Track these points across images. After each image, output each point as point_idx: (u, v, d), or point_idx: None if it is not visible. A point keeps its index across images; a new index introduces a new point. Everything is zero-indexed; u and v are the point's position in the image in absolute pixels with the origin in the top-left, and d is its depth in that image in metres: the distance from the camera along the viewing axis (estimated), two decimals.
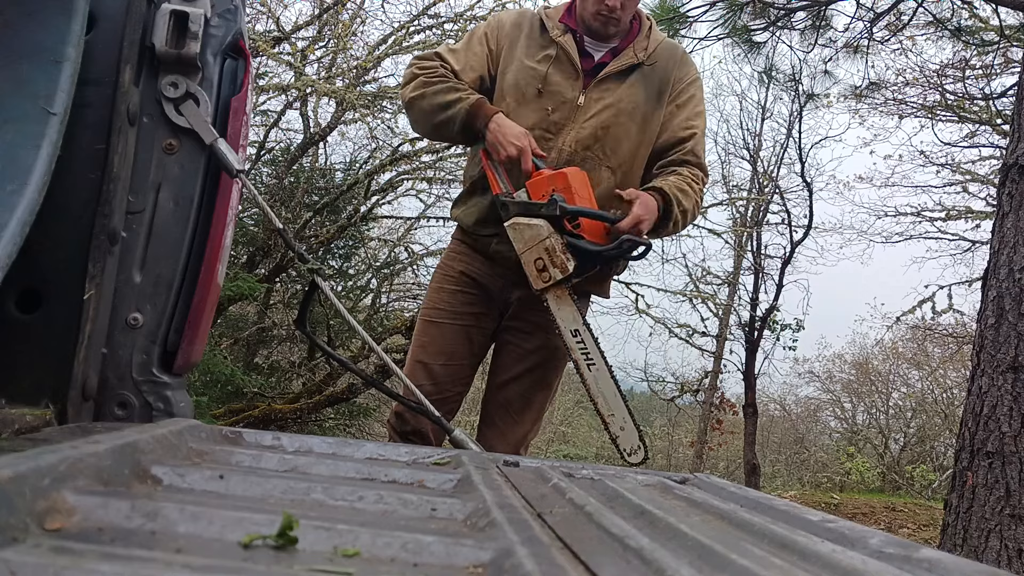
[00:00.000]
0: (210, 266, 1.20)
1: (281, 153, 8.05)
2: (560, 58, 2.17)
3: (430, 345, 2.26)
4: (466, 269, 2.26)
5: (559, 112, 2.16)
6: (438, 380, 2.22)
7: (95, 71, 1.07)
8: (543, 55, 2.19)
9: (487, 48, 2.23)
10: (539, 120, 2.16)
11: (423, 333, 2.30)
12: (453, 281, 2.28)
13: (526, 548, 0.59)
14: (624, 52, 2.21)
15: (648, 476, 1.16)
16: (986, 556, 2.88)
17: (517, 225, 2.04)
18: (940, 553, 0.67)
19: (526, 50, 2.20)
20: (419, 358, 2.27)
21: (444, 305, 2.27)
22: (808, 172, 10.59)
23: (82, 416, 1.09)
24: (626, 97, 2.18)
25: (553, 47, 2.18)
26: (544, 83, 2.16)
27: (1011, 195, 3.18)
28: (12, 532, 0.51)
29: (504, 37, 2.23)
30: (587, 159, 2.16)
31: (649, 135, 2.23)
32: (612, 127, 2.17)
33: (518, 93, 2.18)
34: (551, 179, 2.04)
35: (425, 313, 2.32)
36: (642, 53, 2.20)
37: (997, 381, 3.01)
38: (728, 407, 12.34)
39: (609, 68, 2.18)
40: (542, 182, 2.05)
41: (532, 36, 2.22)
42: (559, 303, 2.08)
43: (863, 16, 5.78)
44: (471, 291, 2.26)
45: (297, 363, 8.32)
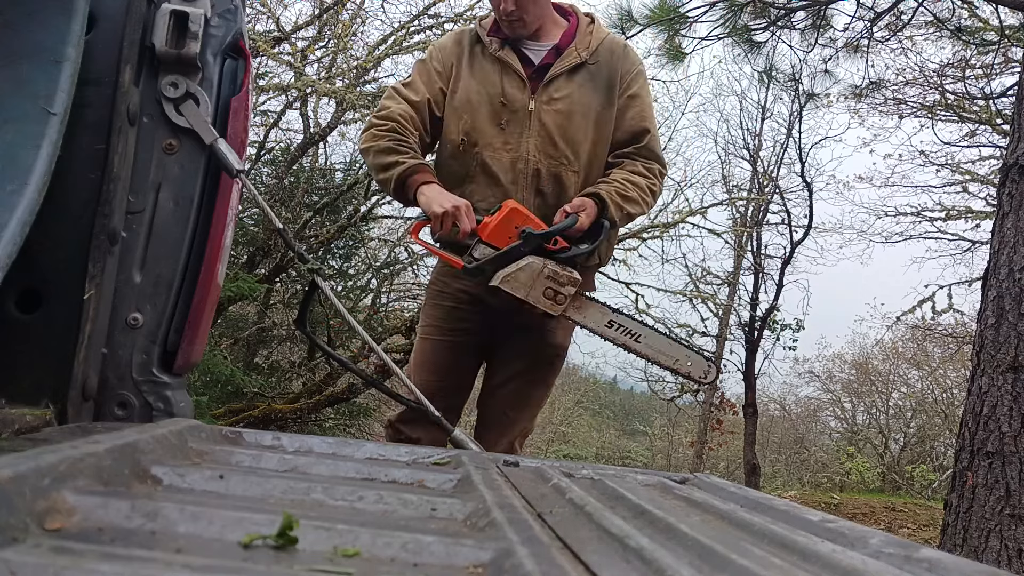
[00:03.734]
0: (210, 266, 1.20)
1: (281, 153, 8.05)
2: (506, 70, 2.17)
3: (428, 363, 2.26)
4: (462, 286, 2.24)
5: (513, 123, 2.15)
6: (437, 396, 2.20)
7: (95, 71, 1.07)
8: (489, 72, 2.18)
9: (436, 69, 2.22)
10: (496, 134, 2.15)
11: (420, 351, 2.31)
12: (449, 298, 2.26)
13: (526, 548, 0.59)
14: (567, 52, 2.19)
15: (648, 476, 1.16)
16: (986, 556, 2.88)
17: (508, 277, 2.00)
18: (940, 553, 0.67)
19: (471, 68, 2.20)
20: (419, 376, 2.25)
21: (439, 322, 2.27)
22: (808, 172, 10.60)
23: (82, 416, 1.09)
24: (576, 98, 2.17)
25: (496, 62, 2.18)
26: (503, 96, 2.15)
27: (1011, 195, 3.18)
28: (12, 532, 0.51)
29: (448, 57, 2.23)
30: (552, 167, 2.15)
31: (605, 133, 2.21)
32: (568, 128, 2.15)
33: (471, 109, 2.16)
34: (507, 220, 2.01)
35: (423, 331, 2.32)
36: (584, 52, 2.19)
37: (997, 381, 3.01)
38: (728, 407, 12.34)
39: (554, 69, 2.17)
40: (500, 227, 2.01)
41: (474, 54, 2.22)
42: (582, 311, 2.11)
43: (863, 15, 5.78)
44: (467, 306, 2.25)
45: (297, 363, 8.31)
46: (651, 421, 18.39)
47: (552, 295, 2.01)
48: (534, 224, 2.03)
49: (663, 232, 8.84)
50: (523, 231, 2.00)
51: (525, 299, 2.01)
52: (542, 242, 2.01)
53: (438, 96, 2.20)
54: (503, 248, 2.01)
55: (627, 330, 2.15)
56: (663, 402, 13.75)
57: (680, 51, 6.26)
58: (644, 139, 2.23)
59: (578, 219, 2.04)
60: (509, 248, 2.00)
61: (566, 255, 2.04)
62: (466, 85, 2.18)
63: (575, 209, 2.06)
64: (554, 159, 2.15)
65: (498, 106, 2.15)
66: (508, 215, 2.01)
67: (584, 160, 2.18)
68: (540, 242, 2.00)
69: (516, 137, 2.14)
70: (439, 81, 2.21)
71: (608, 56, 2.23)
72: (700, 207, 9.90)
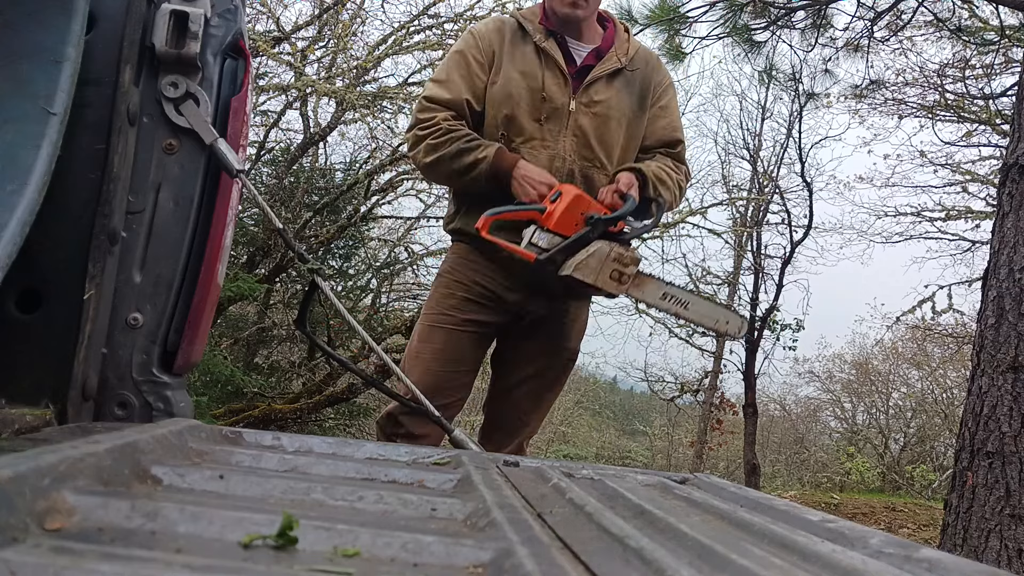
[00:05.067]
0: (210, 266, 1.20)
1: (281, 153, 8.05)
2: (548, 64, 2.16)
3: (438, 352, 2.19)
4: (480, 279, 2.20)
5: (552, 120, 2.14)
6: (443, 386, 2.17)
7: (95, 71, 1.07)
8: (531, 63, 2.16)
9: (477, 61, 2.18)
10: (536, 129, 2.14)
11: (429, 338, 2.22)
12: (465, 289, 2.21)
13: (526, 548, 0.59)
14: (607, 56, 2.22)
15: (648, 476, 1.16)
16: (986, 556, 2.88)
17: (580, 264, 2.02)
18: (940, 553, 0.67)
19: (512, 58, 2.17)
20: (426, 364, 2.20)
21: (455, 312, 2.20)
22: (808, 172, 10.59)
23: (82, 416, 1.09)
24: (613, 103, 2.20)
25: (538, 53, 2.16)
26: (544, 90, 2.14)
27: (1011, 195, 3.18)
28: (12, 532, 0.51)
29: (489, 45, 2.18)
30: (585, 168, 2.15)
31: (635, 140, 2.27)
32: (603, 132, 2.18)
33: (512, 103, 2.14)
34: (573, 207, 2.02)
35: (432, 318, 2.24)
36: (624, 58, 2.23)
37: (997, 381, 3.01)
38: (728, 407, 12.34)
39: (595, 73, 2.17)
40: (567, 215, 2.02)
41: (516, 42, 2.18)
42: (641, 288, 2.17)
43: (863, 15, 5.78)
44: (483, 301, 2.20)
45: (297, 363, 8.32)
46: (651, 421, 18.39)
47: (617, 276, 2.06)
48: (596, 208, 2.05)
49: (663, 232, 8.84)
50: (589, 217, 2.02)
51: (593, 283, 2.04)
52: (609, 227, 2.04)
53: (479, 91, 2.17)
54: (571, 236, 2.02)
55: (678, 300, 2.26)
56: (663, 402, 13.75)
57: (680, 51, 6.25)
58: (677, 147, 2.33)
59: (634, 199, 2.08)
60: (579, 235, 2.02)
61: (627, 236, 2.10)
62: (507, 76, 2.15)
63: (627, 187, 2.10)
64: (588, 160, 2.16)
65: (538, 101, 2.14)
66: (573, 202, 2.02)
67: (615, 164, 2.22)
68: (607, 227, 2.03)
69: (554, 135, 2.15)
70: (480, 73, 2.17)
71: (643, 65, 2.28)
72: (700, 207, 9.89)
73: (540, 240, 2.03)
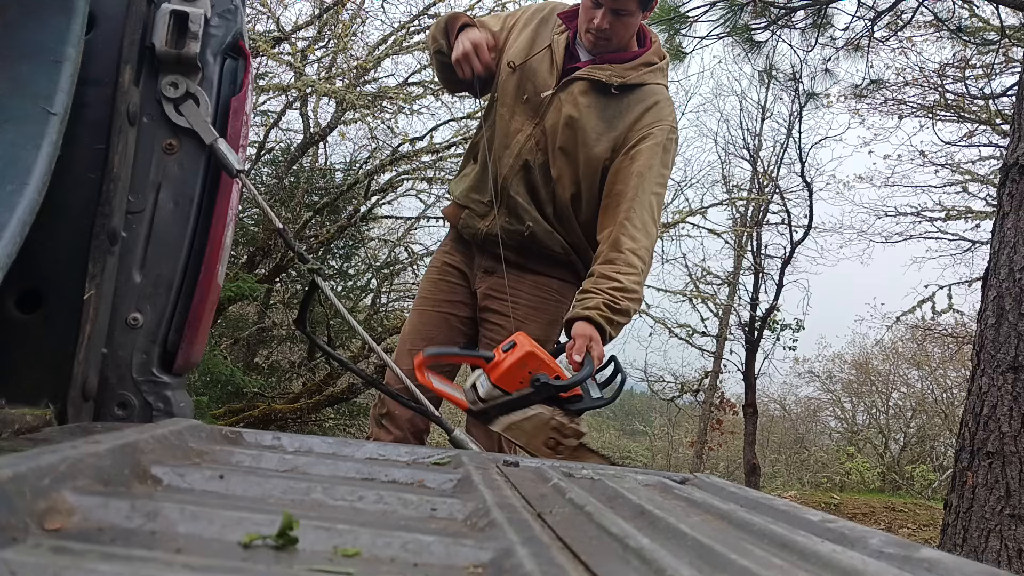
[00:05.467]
0: (210, 266, 1.20)
1: (281, 153, 8.05)
2: (551, 51, 2.19)
3: (412, 332, 2.33)
4: (448, 259, 2.34)
5: (531, 102, 2.18)
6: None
7: (95, 71, 1.07)
8: (539, 42, 2.22)
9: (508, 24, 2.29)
10: (515, 100, 2.19)
11: (408, 321, 2.40)
12: (436, 271, 2.36)
13: (526, 548, 0.59)
14: (601, 67, 2.13)
15: (648, 476, 1.16)
16: (986, 556, 2.88)
17: (512, 425, 1.87)
18: (940, 553, 0.67)
19: (531, 34, 2.24)
20: (404, 344, 2.33)
21: (427, 293, 2.35)
22: (808, 172, 10.61)
23: (82, 416, 1.09)
24: (583, 114, 2.11)
25: (548, 42, 2.21)
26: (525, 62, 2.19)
27: (1011, 195, 3.18)
28: (12, 532, 0.51)
29: (524, 19, 2.28)
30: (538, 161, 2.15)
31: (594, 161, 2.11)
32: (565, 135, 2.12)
33: (509, 68, 2.21)
34: (520, 364, 1.84)
35: (416, 302, 2.43)
36: (617, 78, 2.11)
37: (997, 381, 3.01)
38: (728, 407, 12.35)
39: (579, 73, 2.14)
40: (512, 371, 1.84)
41: (543, 26, 2.25)
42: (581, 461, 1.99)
43: (864, 15, 5.78)
44: (451, 280, 2.33)
45: (297, 363, 8.32)
46: (651, 421, 18.39)
47: (553, 444, 1.89)
48: (548, 369, 1.86)
49: (663, 232, 8.84)
50: (535, 379, 1.84)
51: (524, 447, 1.89)
52: (555, 393, 1.86)
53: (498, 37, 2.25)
54: (512, 393, 1.85)
55: None
56: (663, 402, 13.75)
57: (680, 51, 6.26)
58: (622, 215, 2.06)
59: (593, 365, 1.93)
60: (519, 395, 1.85)
61: (577, 406, 1.90)
62: (517, 45, 2.22)
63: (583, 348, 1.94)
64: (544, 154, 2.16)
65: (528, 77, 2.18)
66: (523, 358, 1.85)
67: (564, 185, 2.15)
68: (553, 393, 1.86)
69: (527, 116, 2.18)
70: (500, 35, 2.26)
71: (635, 100, 2.12)
72: (700, 207, 9.91)
73: (481, 388, 1.89)
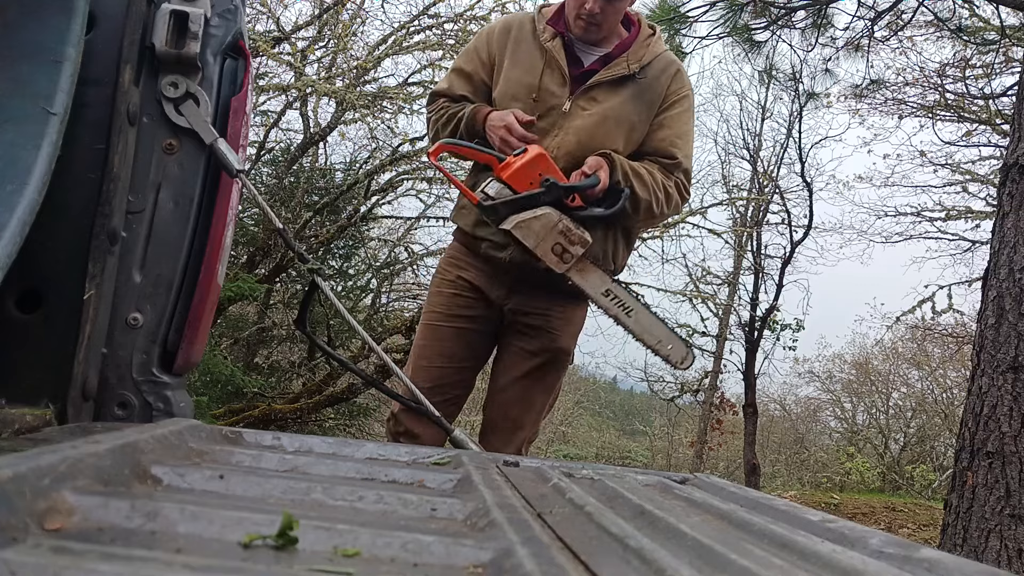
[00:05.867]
0: (210, 266, 1.20)
1: (281, 153, 8.05)
2: (550, 64, 2.16)
3: (428, 347, 2.27)
4: (464, 274, 2.26)
5: (546, 118, 2.15)
6: (436, 382, 2.21)
7: (95, 71, 1.07)
8: (533, 62, 2.17)
9: (480, 60, 2.24)
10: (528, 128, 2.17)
11: (421, 336, 2.32)
12: (450, 285, 2.28)
13: (526, 548, 0.59)
14: (616, 61, 2.16)
15: (648, 476, 1.16)
16: (986, 556, 2.88)
17: (522, 223, 1.97)
18: (940, 553, 0.67)
19: (515, 57, 2.19)
20: (418, 360, 2.28)
21: (442, 308, 2.27)
22: (808, 172, 10.60)
23: (82, 416, 1.09)
24: (615, 108, 2.15)
25: (542, 53, 2.17)
26: (537, 92, 2.15)
27: (1011, 195, 3.18)
28: (12, 532, 0.51)
29: (495, 45, 2.23)
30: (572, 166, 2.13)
31: (635, 143, 2.21)
32: (597, 134, 2.14)
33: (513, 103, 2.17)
34: (531, 164, 1.97)
35: (425, 316, 2.34)
36: (635, 65, 2.16)
37: (997, 381, 3.01)
38: (728, 407, 12.35)
39: (598, 77, 2.15)
40: (523, 171, 1.97)
41: (522, 41, 2.20)
42: (584, 275, 2.08)
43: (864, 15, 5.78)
44: (468, 295, 2.26)
45: (297, 363, 8.32)
46: (651, 421, 18.38)
47: (560, 251, 1.99)
48: (557, 175, 1.98)
49: (663, 232, 8.84)
50: (546, 180, 1.96)
51: (533, 249, 1.98)
52: (563, 195, 1.97)
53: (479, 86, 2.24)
54: (522, 192, 1.96)
55: (621, 302, 2.14)
56: (663, 402, 13.75)
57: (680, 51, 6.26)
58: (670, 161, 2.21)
59: (599, 179, 2.02)
60: (528, 194, 1.96)
61: (583, 213, 2.02)
62: (507, 77, 2.19)
63: (593, 169, 2.04)
64: (577, 162, 2.13)
65: (530, 103, 2.15)
66: (534, 160, 1.96)
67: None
68: (561, 195, 1.97)
69: (545, 133, 2.14)
70: (482, 73, 2.23)
71: (658, 73, 2.20)
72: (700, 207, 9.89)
73: (490, 188, 1.99)
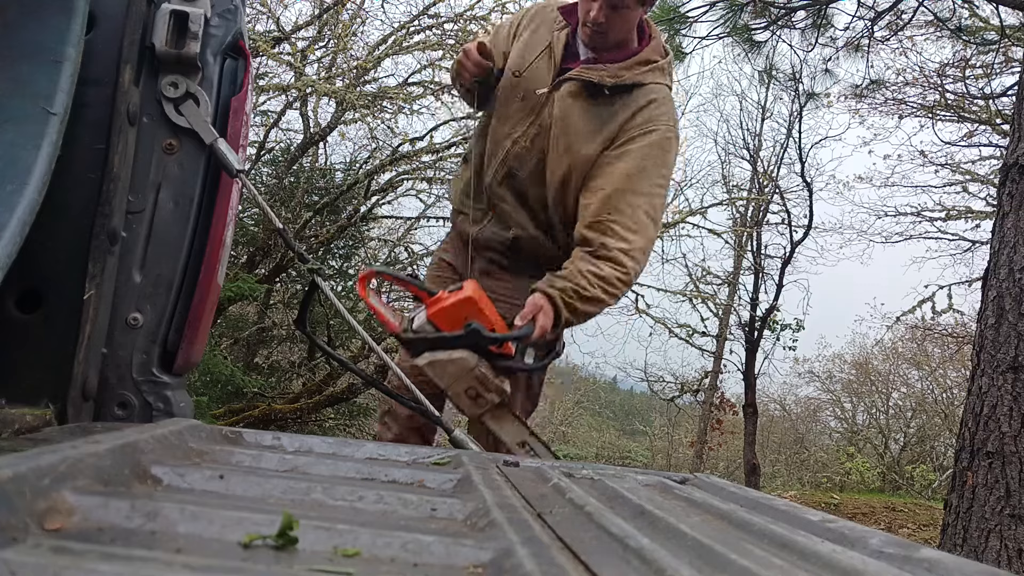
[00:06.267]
0: (210, 266, 1.20)
1: (281, 153, 8.05)
2: (551, 49, 2.16)
3: None
4: (444, 256, 2.34)
5: (527, 101, 2.13)
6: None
7: (95, 71, 1.07)
8: (538, 44, 2.19)
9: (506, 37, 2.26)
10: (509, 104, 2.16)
11: None
12: (435, 267, 2.36)
13: (526, 548, 0.59)
14: (594, 67, 2.06)
15: (648, 476, 1.16)
16: (986, 556, 2.88)
17: (435, 363, 1.86)
18: (940, 553, 0.67)
19: (528, 39, 2.21)
20: None
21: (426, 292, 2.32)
22: (808, 172, 10.62)
23: (82, 416, 1.09)
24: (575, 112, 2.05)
25: (548, 39, 2.18)
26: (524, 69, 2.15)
27: (1011, 195, 3.18)
28: (12, 532, 0.51)
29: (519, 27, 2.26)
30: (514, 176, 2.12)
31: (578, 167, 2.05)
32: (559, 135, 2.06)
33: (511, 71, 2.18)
34: (459, 305, 1.85)
35: None
36: (610, 79, 2.03)
37: (997, 381, 3.01)
38: (728, 407, 12.35)
39: (570, 74, 2.08)
40: (451, 310, 1.85)
41: (539, 29, 2.22)
42: (500, 422, 1.95)
43: (864, 15, 5.78)
44: (445, 275, 2.30)
45: (297, 363, 8.32)
46: (651, 421, 18.39)
47: (473, 395, 1.88)
48: (486, 320, 1.86)
49: (663, 232, 8.85)
50: (468, 324, 1.83)
51: (444, 390, 1.88)
52: (485, 345, 1.86)
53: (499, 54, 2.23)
54: (443, 332, 1.86)
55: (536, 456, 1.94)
56: (663, 402, 13.76)
57: (680, 51, 6.26)
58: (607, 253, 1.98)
59: (533, 330, 1.91)
60: (447, 335, 1.85)
61: (506, 364, 1.90)
62: (514, 54, 2.20)
63: (529, 315, 1.93)
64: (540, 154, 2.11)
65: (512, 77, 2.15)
66: (462, 302, 1.85)
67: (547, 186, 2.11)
68: (483, 343, 1.85)
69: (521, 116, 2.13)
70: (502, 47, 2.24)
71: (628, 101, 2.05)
72: (700, 207, 9.91)
73: (416, 320, 1.90)
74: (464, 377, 1.86)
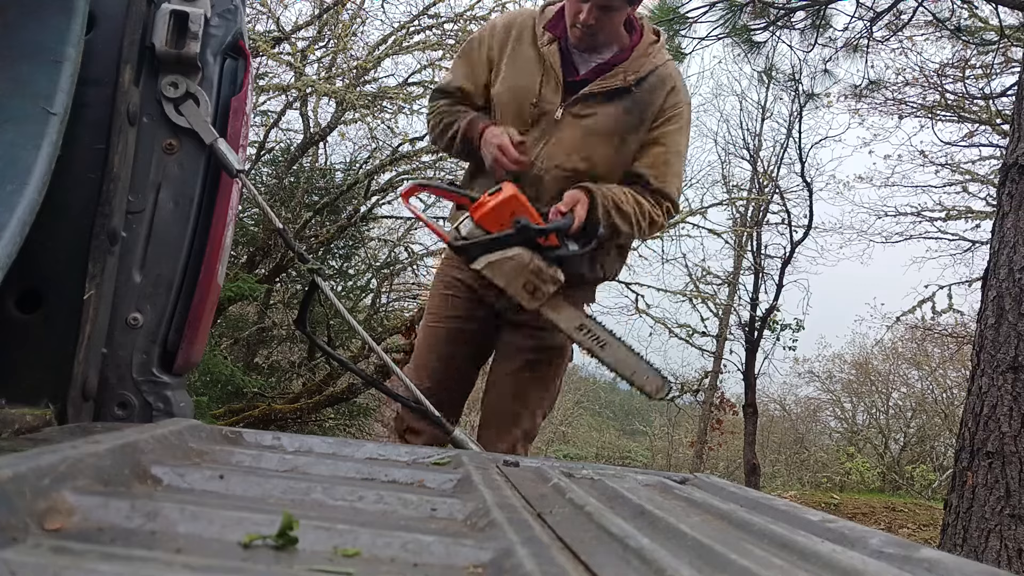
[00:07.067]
0: (210, 266, 1.20)
1: (281, 153, 8.05)
2: (546, 69, 2.13)
3: (426, 348, 2.30)
4: (458, 274, 2.28)
5: (538, 125, 2.13)
6: (434, 381, 2.22)
7: (95, 71, 1.07)
8: (532, 66, 2.15)
9: (484, 57, 2.22)
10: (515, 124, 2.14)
11: (420, 336, 2.37)
12: (446, 286, 2.31)
13: (526, 548, 0.59)
14: (612, 73, 2.11)
15: (648, 476, 1.16)
16: (986, 556, 2.88)
17: (492, 264, 1.97)
18: (940, 553, 0.67)
19: (514, 59, 2.17)
20: (417, 360, 2.31)
21: (438, 309, 2.31)
22: (808, 172, 10.61)
23: (82, 416, 1.09)
24: (606, 119, 2.11)
25: (539, 57, 2.14)
26: (538, 97, 2.13)
27: (1011, 195, 3.18)
28: (12, 532, 0.51)
29: (495, 43, 2.20)
30: (559, 177, 2.12)
31: (625, 156, 2.16)
32: (585, 147, 2.11)
33: (503, 107, 2.17)
34: (503, 205, 1.96)
35: (424, 318, 2.38)
36: (632, 76, 2.11)
37: (997, 381, 3.01)
38: (728, 407, 12.35)
39: (591, 88, 2.10)
40: (495, 211, 1.97)
41: (522, 42, 2.18)
42: (557, 310, 2.08)
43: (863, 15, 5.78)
44: (463, 295, 2.27)
45: (297, 363, 8.32)
46: (651, 421, 18.39)
47: (531, 289, 1.99)
48: (530, 215, 1.98)
49: (663, 232, 8.84)
50: (517, 221, 1.96)
51: (504, 288, 2.00)
52: (534, 236, 1.97)
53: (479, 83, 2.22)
54: (493, 233, 1.97)
55: (595, 337, 2.15)
56: (663, 402, 13.74)
57: (680, 51, 6.26)
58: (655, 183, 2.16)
59: (574, 220, 2.01)
60: (499, 235, 1.96)
61: (555, 253, 2.02)
62: (504, 79, 2.17)
63: (569, 206, 2.03)
64: (564, 171, 2.11)
65: (528, 107, 2.13)
66: (506, 200, 1.96)
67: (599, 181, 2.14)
68: (532, 236, 1.97)
69: (535, 140, 2.12)
70: (481, 70, 2.21)
71: (655, 86, 2.14)
72: (700, 207, 9.91)
73: (463, 228, 2.00)
74: (522, 272, 1.98)
